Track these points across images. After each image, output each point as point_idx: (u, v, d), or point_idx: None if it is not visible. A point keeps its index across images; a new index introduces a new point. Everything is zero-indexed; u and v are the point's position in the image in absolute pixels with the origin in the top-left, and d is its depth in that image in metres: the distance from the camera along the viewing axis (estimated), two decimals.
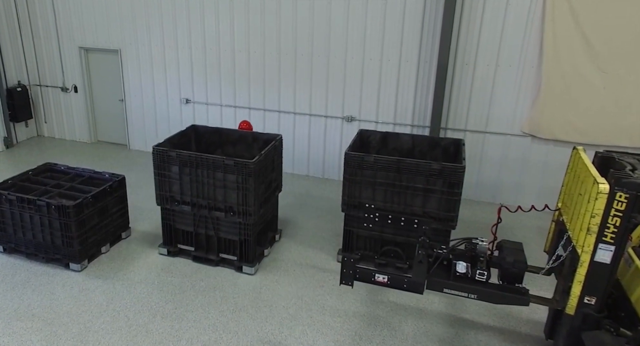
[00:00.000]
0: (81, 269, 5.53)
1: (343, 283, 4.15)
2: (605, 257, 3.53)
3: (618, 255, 3.52)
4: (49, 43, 9.55)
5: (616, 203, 3.35)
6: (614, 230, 3.44)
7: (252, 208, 5.37)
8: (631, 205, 3.32)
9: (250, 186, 5.29)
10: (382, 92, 7.69)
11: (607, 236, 3.46)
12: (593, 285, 3.64)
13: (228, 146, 6.46)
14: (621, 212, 3.35)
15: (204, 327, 4.69)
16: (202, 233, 5.73)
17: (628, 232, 3.45)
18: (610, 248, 3.50)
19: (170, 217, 5.80)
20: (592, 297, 3.67)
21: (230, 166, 5.29)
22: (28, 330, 4.56)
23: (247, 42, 8.15)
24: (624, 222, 3.38)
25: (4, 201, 5.60)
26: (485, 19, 6.80)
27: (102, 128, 10.02)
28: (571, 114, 6.64)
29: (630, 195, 3.31)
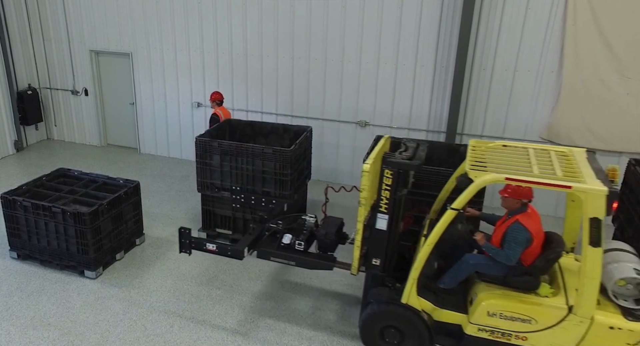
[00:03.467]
0: (96, 276, 5.46)
1: (182, 251, 4.69)
2: (382, 225, 4.11)
3: (393, 223, 4.10)
4: (60, 46, 9.52)
5: (385, 179, 3.97)
6: (386, 202, 4.02)
7: (287, 194, 5.82)
8: (395, 180, 3.96)
9: (287, 173, 5.72)
10: (397, 96, 7.60)
11: (382, 207, 4.05)
12: (376, 249, 4.22)
13: (260, 138, 6.93)
14: (389, 186, 3.97)
15: (222, 338, 4.60)
16: (240, 217, 6.18)
17: (398, 203, 4.10)
18: (385, 217, 4.08)
19: (209, 203, 6.26)
20: (377, 259, 4.23)
21: (269, 154, 5.75)
22: (45, 340, 4.49)
23: (260, 47, 8.08)
24: (392, 195, 4.00)
25: (19, 207, 5.54)
26: (504, 23, 6.70)
27: (113, 131, 9.97)
28: (591, 121, 6.53)
29: (394, 172, 3.93)
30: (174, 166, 8.90)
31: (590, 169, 3.66)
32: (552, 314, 3.62)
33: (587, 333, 3.53)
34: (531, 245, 3.80)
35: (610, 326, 3.50)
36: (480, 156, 3.98)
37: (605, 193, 3.32)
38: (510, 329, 3.74)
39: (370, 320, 4.23)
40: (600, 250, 3.43)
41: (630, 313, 3.52)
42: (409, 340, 4.15)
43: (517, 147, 4.18)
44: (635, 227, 4.86)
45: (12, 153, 9.39)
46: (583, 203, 3.40)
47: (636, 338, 3.45)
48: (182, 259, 5.88)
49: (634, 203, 5.04)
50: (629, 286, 3.54)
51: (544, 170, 3.57)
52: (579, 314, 3.54)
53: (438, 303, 4.08)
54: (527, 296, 3.75)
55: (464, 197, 3.65)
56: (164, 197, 7.61)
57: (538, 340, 3.68)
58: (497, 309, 3.75)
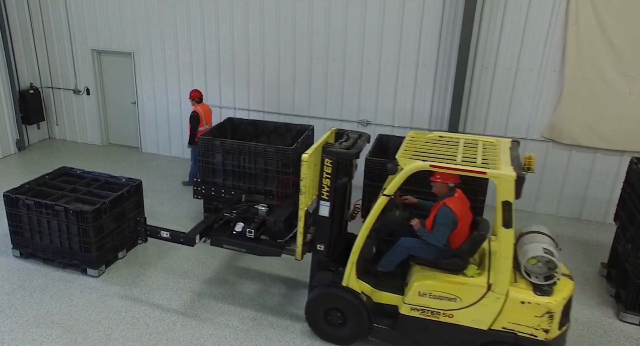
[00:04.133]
0: (99, 275, 5.46)
1: (139, 239, 4.97)
2: (325, 212, 4.27)
3: (335, 210, 4.28)
4: (62, 45, 9.53)
5: (326, 168, 4.16)
6: (327, 190, 4.20)
7: (290, 192, 5.83)
8: (335, 169, 4.14)
9: (289, 172, 5.75)
10: (399, 95, 7.60)
11: (324, 194, 4.23)
12: (320, 235, 4.37)
13: (262, 137, 6.94)
14: (329, 175, 4.15)
15: (225, 335, 4.61)
16: None
17: (340, 191, 4.30)
18: (327, 204, 4.24)
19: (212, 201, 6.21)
20: (322, 245, 4.38)
21: (271, 153, 5.79)
22: (48, 338, 4.50)
23: (262, 46, 8.09)
24: (333, 183, 4.18)
25: (22, 206, 5.55)
26: (505, 22, 6.70)
27: (114, 131, 9.98)
28: (594, 119, 6.52)
29: (333, 160, 4.12)
30: (176, 165, 8.91)
31: (509, 157, 3.92)
32: (474, 292, 3.87)
33: (503, 308, 3.79)
34: (457, 227, 4.00)
35: (522, 301, 3.75)
36: (416, 146, 4.24)
37: (514, 178, 3.56)
38: (439, 307, 3.99)
39: (315, 302, 4.44)
40: (512, 231, 3.66)
41: (539, 288, 3.78)
42: (351, 320, 4.34)
43: (451, 137, 4.44)
44: (638, 225, 4.86)
45: (14, 153, 9.40)
46: (496, 188, 3.63)
47: (542, 310, 3.70)
48: (184, 257, 5.89)
49: (636, 202, 5.04)
50: (539, 264, 3.80)
51: (466, 158, 3.86)
52: (496, 291, 3.80)
53: (377, 285, 4.29)
54: (453, 277, 3.99)
55: (394, 184, 3.86)
56: (166, 196, 7.62)
57: (462, 316, 3.93)
58: (427, 289, 3.99)
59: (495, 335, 3.85)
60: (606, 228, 6.80)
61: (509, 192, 3.58)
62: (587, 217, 7.10)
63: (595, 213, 7.05)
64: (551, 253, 3.77)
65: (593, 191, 6.96)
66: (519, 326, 3.78)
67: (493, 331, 3.85)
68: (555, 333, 3.77)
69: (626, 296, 4.93)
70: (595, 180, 6.89)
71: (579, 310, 5.08)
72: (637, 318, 4.88)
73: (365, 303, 4.22)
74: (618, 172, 6.70)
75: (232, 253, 5.93)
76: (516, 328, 3.79)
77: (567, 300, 3.81)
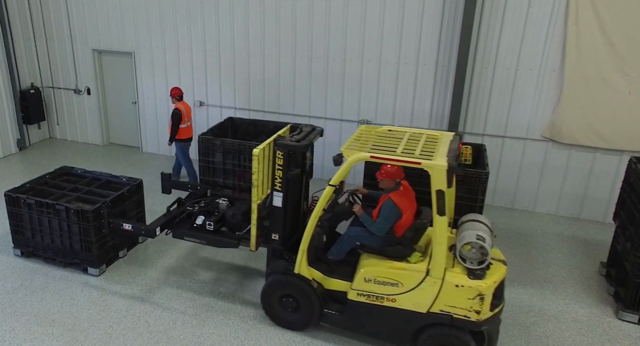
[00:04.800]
0: (99, 274, 5.48)
1: (103, 231, 5.17)
2: (278, 202, 4.46)
3: (288, 200, 4.45)
4: (63, 45, 9.55)
5: (277, 160, 4.33)
6: (280, 181, 4.38)
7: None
8: (287, 161, 4.32)
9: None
10: (399, 95, 7.62)
11: (277, 185, 4.41)
12: (274, 225, 4.54)
13: (262, 136, 6.89)
14: (281, 166, 4.32)
15: (225, 334, 4.63)
16: None
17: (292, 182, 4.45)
18: (280, 195, 4.42)
19: None
20: (276, 234, 4.55)
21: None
22: (49, 336, 4.52)
23: (262, 46, 8.11)
24: (285, 174, 4.35)
25: (23, 205, 5.56)
26: (505, 21, 6.71)
27: (115, 130, 10.00)
28: (593, 119, 6.54)
29: (284, 153, 4.29)
30: None
31: (446, 149, 4.10)
32: (414, 277, 4.07)
33: (440, 292, 3.98)
34: (401, 218, 4.21)
35: (456, 285, 3.95)
36: (364, 139, 4.40)
37: (445, 168, 3.74)
38: (383, 292, 4.18)
39: (269, 289, 4.61)
40: (445, 219, 3.86)
41: (472, 273, 3.97)
42: (303, 306, 4.51)
43: (399, 131, 4.62)
44: (637, 224, 4.87)
45: (15, 152, 9.42)
46: (431, 178, 3.80)
47: (474, 293, 3.90)
48: (185, 257, 5.90)
49: (635, 201, 5.05)
50: (473, 250, 3.98)
51: (406, 150, 4.04)
52: (433, 276, 4.00)
53: (328, 273, 4.47)
54: (396, 263, 4.17)
55: (339, 174, 4.06)
56: (166, 195, 7.62)
57: (404, 300, 4.13)
58: (372, 275, 4.18)
59: (433, 318, 4.06)
60: (605, 228, 6.81)
61: (441, 181, 3.76)
62: (587, 217, 7.11)
63: (595, 213, 7.06)
64: (483, 239, 3.95)
65: (593, 190, 6.97)
66: (454, 308, 3.99)
67: (431, 314, 4.06)
68: (486, 314, 3.97)
69: (625, 294, 4.95)
70: (595, 180, 6.91)
71: (578, 309, 5.10)
72: (636, 316, 4.89)
73: (316, 290, 4.40)
74: (618, 172, 6.72)
75: (234, 254, 5.95)
76: (452, 311, 4.00)
77: (499, 283, 4.00)
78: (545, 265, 5.91)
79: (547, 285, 5.50)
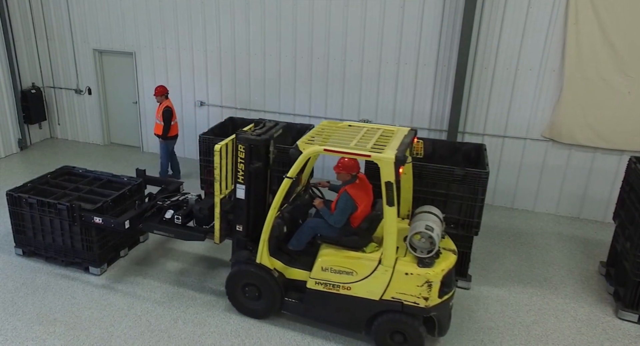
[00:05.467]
0: (101, 273, 5.50)
1: (74, 223, 5.27)
2: (241, 194, 4.62)
3: (250, 192, 4.63)
4: (64, 45, 9.57)
5: (240, 153, 4.50)
6: (242, 174, 4.56)
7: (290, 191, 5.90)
8: (248, 154, 4.49)
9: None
10: (399, 95, 7.63)
11: (240, 178, 4.58)
12: (238, 216, 4.71)
13: None
14: (243, 160, 4.50)
15: (226, 333, 4.65)
16: None
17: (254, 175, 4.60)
18: (243, 187, 4.60)
19: None
20: (240, 225, 4.72)
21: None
22: (50, 335, 4.54)
23: (262, 46, 8.12)
24: (247, 167, 4.52)
25: (24, 204, 5.58)
26: (505, 22, 6.73)
27: (116, 130, 10.01)
28: (593, 119, 6.55)
29: (245, 146, 4.46)
30: None
31: (398, 143, 4.24)
32: (367, 266, 4.22)
33: (391, 280, 4.14)
34: (357, 210, 4.36)
35: (406, 273, 4.11)
36: (322, 133, 4.54)
37: (393, 161, 3.88)
38: (338, 281, 4.32)
39: (233, 278, 4.77)
40: (394, 209, 3.99)
41: (422, 261, 4.14)
42: (265, 295, 4.66)
43: (358, 126, 4.77)
44: (637, 224, 4.89)
45: (16, 152, 9.44)
46: (380, 170, 3.92)
47: (422, 280, 4.07)
48: (184, 256, 5.92)
49: (635, 201, 5.07)
50: (422, 240, 4.13)
51: (359, 144, 4.19)
52: (385, 264, 4.15)
53: (289, 262, 4.61)
54: (351, 253, 4.32)
55: (295, 167, 4.21)
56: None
57: (358, 288, 4.28)
58: (328, 264, 4.33)
59: (385, 305, 4.21)
60: (605, 227, 6.83)
61: (389, 173, 3.88)
62: (587, 216, 7.13)
63: (595, 213, 7.08)
64: (432, 229, 4.11)
65: (592, 190, 6.99)
66: (404, 295, 4.15)
67: (384, 301, 4.21)
68: (435, 300, 4.12)
69: (625, 294, 4.97)
70: (595, 180, 6.92)
71: (578, 308, 5.11)
72: (635, 315, 4.91)
73: (277, 279, 4.55)
74: (617, 171, 6.74)
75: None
76: (402, 297, 4.16)
77: (447, 271, 4.15)
78: (545, 264, 5.93)
79: (546, 285, 5.52)
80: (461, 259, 5.44)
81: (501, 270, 5.80)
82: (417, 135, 4.68)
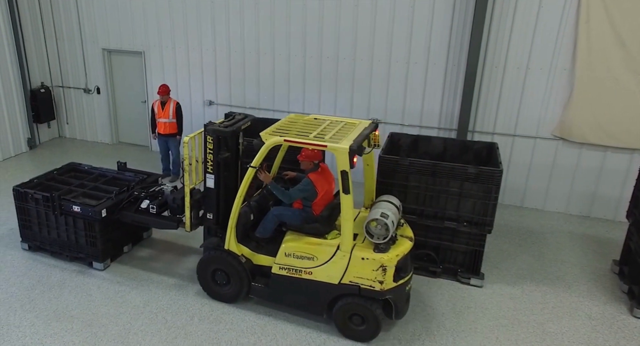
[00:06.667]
0: (104, 268, 5.58)
1: (54, 213, 5.42)
2: (211, 183, 4.87)
3: (220, 181, 4.86)
4: (73, 45, 9.61)
5: (208, 144, 4.74)
6: (211, 164, 4.80)
7: None
8: (217, 144, 4.73)
9: None
10: (409, 94, 7.65)
11: (209, 168, 4.82)
12: (208, 205, 4.97)
13: None
14: (212, 150, 4.74)
15: (242, 330, 4.66)
16: None
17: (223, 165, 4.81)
18: (212, 177, 4.83)
19: None
20: (210, 213, 4.96)
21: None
22: (68, 331, 4.56)
23: (271, 45, 8.15)
24: (216, 157, 4.76)
25: (30, 200, 5.64)
26: (516, 21, 6.74)
27: (124, 129, 10.04)
28: (604, 118, 6.56)
29: (214, 137, 4.70)
30: None
31: (356, 135, 4.44)
32: (327, 251, 4.43)
33: (349, 264, 4.35)
34: (317, 196, 4.59)
35: (362, 257, 4.31)
36: (287, 126, 4.74)
37: (347, 150, 4.08)
38: (300, 266, 4.53)
39: (203, 264, 4.98)
40: (351, 197, 4.20)
41: (377, 247, 4.34)
42: (233, 280, 4.87)
43: (323, 119, 5.00)
44: None
45: (26, 151, 9.48)
46: (336, 160, 4.15)
47: (377, 264, 4.27)
48: (188, 252, 5.93)
49: None
50: (378, 227, 4.35)
51: (318, 135, 4.40)
52: (343, 249, 4.37)
53: (256, 249, 4.84)
54: (312, 239, 4.54)
55: (258, 156, 4.44)
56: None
57: (319, 273, 4.48)
58: (291, 250, 4.54)
59: (344, 288, 4.42)
60: (616, 226, 6.83)
61: (344, 162, 4.09)
62: (597, 215, 7.13)
63: (605, 211, 7.09)
64: (387, 216, 4.33)
65: (603, 189, 7.00)
66: (361, 279, 4.35)
67: (343, 285, 4.41)
68: (390, 284, 4.32)
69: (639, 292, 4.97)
70: (606, 178, 6.93)
71: (592, 306, 5.12)
72: None
73: (244, 265, 4.75)
74: (629, 170, 6.74)
75: None
76: (359, 281, 4.35)
77: (402, 257, 4.37)
78: (557, 262, 5.94)
79: (559, 283, 5.53)
80: (474, 257, 5.47)
81: (513, 268, 5.81)
82: (377, 128, 4.95)
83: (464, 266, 5.53)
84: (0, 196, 7.43)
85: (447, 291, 5.32)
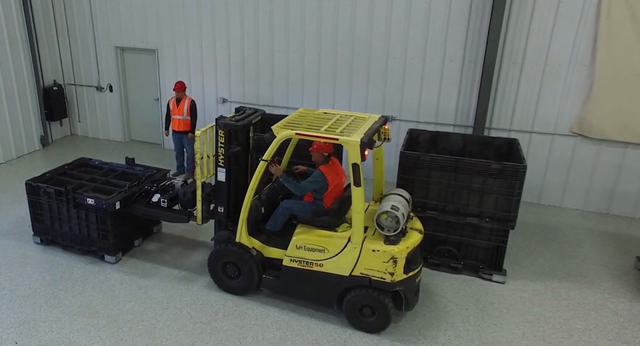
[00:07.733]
0: (116, 261, 5.61)
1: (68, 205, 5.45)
2: (222, 177, 4.89)
3: (231, 175, 4.90)
4: (85, 43, 9.60)
5: (220, 138, 4.79)
6: (223, 158, 4.83)
7: None
8: (227, 138, 4.78)
9: None
10: (424, 91, 7.62)
11: (220, 162, 4.85)
12: (219, 198, 5.00)
13: None
14: (223, 144, 4.77)
15: (267, 325, 4.65)
16: None
17: (234, 158, 4.90)
18: (223, 170, 4.86)
19: None
20: (221, 207, 5.00)
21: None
22: (95, 326, 4.55)
23: (286, 42, 8.13)
24: (227, 151, 4.80)
25: (42, 194, 5.66)
26: (535, 16, 6.71)
27: (137, 127, 10.04)
28: (624, 114, 6.52)
29: (225, 131, 4.75)
30: None
31: (367, 128, 4.48)
32: (338, 244, 4.47)
33: (360, 256, 4.38)
34: (328, 189, 4.64)
35: (373, 250, 4.35)
36: (298, 120, 4.76)
37: (358, 143, 4.12)
38: (311, 258, 4.57)
39: (215, 257, 5.02)
40: (362, 189, 4.22)
41: (388, 239, 4.38)
42: (243, 272, 4.92)
43: (333, 113, 5.02)
44: None
45: (39, 149, 9.48)
46: (348, 152, 4.17)
47: (388, 256, 4.31)
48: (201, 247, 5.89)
49: None
50: (389, 219, 4.37)
51: (330, 129, 4.45)
52: (353, 242, 4.40)
53: (267, 242, 4.88)
54: (323, 232, 4.57)
55: (270, 150, 4.47)
56: None
57: (330, 265, 4.52)
58: (302, 243, 4.58)
59: (355, 280, 4.45)
60: (636, 223, 6.80)
61: (355, 155, 4.13)
62: (616, 212, 7.10)
63: (625, 208, 7.05)
64: (397, 209, 4.35)
65: (622, 186, 6.95)
66: (372, 271, 4.38)
67: (353, 276, 4.45)
68: (400, 276, 4.36)
69: None
70: (625, 175, 6.89)
71: (618, 303, 5.09)
72: None
73: (255, 257, 4.80)
74: None
75: None
76: (370, 273, 4.39)
77: (412, 249, 4.40)
78: (578, 259, 5.91)
79: (582, 279, 5.49)
80: (496, 253, 5.45)
81: (535, 264, 5.78)
82: (387, 122, 4.94)
83: (486, 263, 5.50)
84: (14, 193, 7.44)
85: (469, 287, 5.29)
